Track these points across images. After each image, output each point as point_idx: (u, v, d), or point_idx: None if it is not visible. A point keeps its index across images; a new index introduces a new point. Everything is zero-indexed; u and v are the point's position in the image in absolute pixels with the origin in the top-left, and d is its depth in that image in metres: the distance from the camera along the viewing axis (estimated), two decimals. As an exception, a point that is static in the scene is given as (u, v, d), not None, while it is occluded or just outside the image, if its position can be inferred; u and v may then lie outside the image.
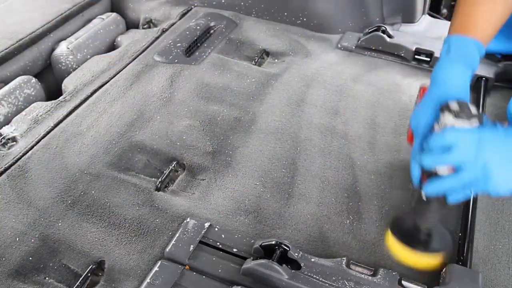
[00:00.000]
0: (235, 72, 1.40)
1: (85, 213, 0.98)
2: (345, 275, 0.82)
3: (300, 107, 1.27)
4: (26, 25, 1.50)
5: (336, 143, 1.16)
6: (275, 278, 0.81)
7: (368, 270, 0.86)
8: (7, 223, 0.95)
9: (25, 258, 0.89)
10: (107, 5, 1.78)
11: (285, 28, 1.60)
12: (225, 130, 1.19)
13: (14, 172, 1.05)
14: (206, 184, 1.06)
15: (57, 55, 1.50)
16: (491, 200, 1.01)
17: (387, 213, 0.99)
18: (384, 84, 1.35)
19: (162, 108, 1.25)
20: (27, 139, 1.15)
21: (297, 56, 1.48)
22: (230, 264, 0.86)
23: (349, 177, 1.07)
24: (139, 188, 1.04)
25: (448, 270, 0.85)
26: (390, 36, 1.47)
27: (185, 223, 0.92)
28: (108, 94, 1.29)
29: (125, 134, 1.17)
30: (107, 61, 1.43)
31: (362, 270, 0.85)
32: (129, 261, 0.89)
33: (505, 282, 0.87)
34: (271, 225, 0.97)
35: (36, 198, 1.00)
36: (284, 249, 0.84)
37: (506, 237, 0.94)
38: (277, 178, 1.07)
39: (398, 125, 1.22)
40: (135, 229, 0.95)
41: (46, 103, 1.26)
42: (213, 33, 1.57)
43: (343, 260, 0.85)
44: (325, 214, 0.99)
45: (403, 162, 1.11)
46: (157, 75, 1.37)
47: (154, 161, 1.12)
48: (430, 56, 1.41)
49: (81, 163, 1.09)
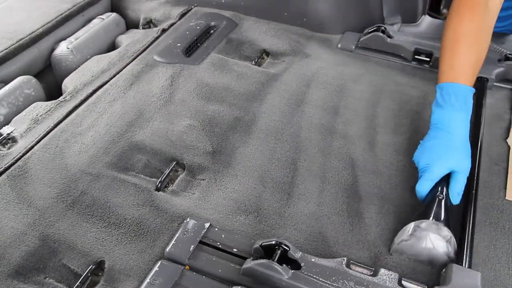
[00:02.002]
0: (235, 72, 1.40)
1: (85, 213, 0.98)
2: (345, 275, 0.82)
3: (300, 107, 1.27)
4: (26, 25, 1.50)
5: (336, 143, 1.16)
6: (275, 278, 0.81)
7: (368, 270, 0.86)
8: (7, 223, 0.95)
9: (25, 258, 0.89)
10: (107, 5, 1.78)
11: (285, 28, 1.60)
12: (225, 130, 1.19)
13: (14, 172, 1.05)
14: (206, 184, 1.06)
15: (57, 55, 1.50)
16: (491, 200, 1.01)
17: (387, 213, 0.99)
18: (384, 84, 1.35)
19: (162, 108, 1.25)
20: (27, 139, 1.15)
21: (297, 56, 1.48)
22: (230, 264, 0.86)
23: (349, 177, 1.07)
24: (139, 188, 1.04)
25: (448, 270, 0.85)
26: (390, 36, 1.47)
27: (185, 223, 0.92)
28: (108, 94, 1.29)
29: (125, 134, 1.17)
30: (107, 61, 1.43)
31: (362, 270, 0.85)
32: (129, 261, 0.89)
33: (505, 282, 0.87)
34: (271, 225, 0.97)
35: (36, 198, 1.00)
36: (284, 249, 0.84)
37: (506, 237, 0.94)
38: (277, 178, 1.07)
39: (398, 125, 1.22)
40: (135, 229, 0.95)
41: (46, 103, 1.26)
42: (213, 33, 1.57)
43: (343, 260, 0.85)
44: (325, 214, 0.99)
45: (403, 162, 1.11)
46: (157, 75, 1.37)
47: (154, 161, 1.12)
48: (430, 56, 1.41)
49: (81, 163, 1.09)
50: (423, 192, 0.97)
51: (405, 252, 0.91)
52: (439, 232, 0.87)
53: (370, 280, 0.82)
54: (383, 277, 0.83)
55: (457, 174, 0.96)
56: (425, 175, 0.97)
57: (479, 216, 0.97)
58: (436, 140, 1.01)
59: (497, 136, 1.18)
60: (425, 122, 1.19)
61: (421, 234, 0.88)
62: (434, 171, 0.96)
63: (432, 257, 0.89)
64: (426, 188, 0.96)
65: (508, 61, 1.35)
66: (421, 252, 0.89)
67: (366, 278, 0.82)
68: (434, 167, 0.96)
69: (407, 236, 0.89)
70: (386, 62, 1.44)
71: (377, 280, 0.82)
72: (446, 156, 0.97)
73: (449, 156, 0.97)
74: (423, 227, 0.88)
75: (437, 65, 1.39)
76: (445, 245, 0.87)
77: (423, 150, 1.02)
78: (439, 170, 0.96)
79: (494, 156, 1.12)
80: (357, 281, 0.81)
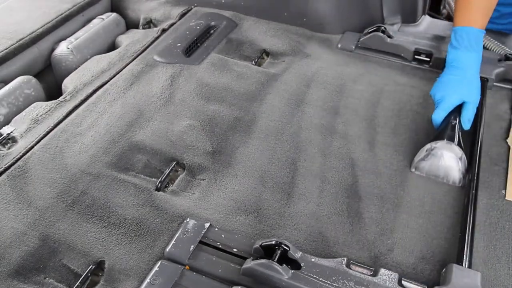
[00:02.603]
0: (235, 72, 1.40)
1: (85, 213, 0.98)
2: (345, 275, 0.82)
3: (300, 107, 1.27)
4: (26, 25, 1.50)
5: (336, 143, 1.16)
6: (275, 278, 0.81)
7: (368, 270, 0.86)
8: (7, 223, 0.95)
9: (25, 258, 0.89)
10: (107, 5, 1.78)
11: (285, 28, 1.60)
12: (225, 130, 1.19)
13: (14, 172, 1.05)
14: (206, 184, 1.06)
15: (57, 55, 1.50)
16: (491, 200, 1.01)
17: (387, 213, 0.99)
18: (384, 84, 1.35)
19: (162, 108, 1.25)
20: (27, 139, 1.15)
21: (297, 56, 1.48)
22: (230, 264, 0.86)
23: (349, 177, 1.07)
24: (139, 188, 1.04)
25: (448, 270, 0.85)
26: (390, 36, 1.47)
27: (185, 223, 0.92)
28: (108, 94, 1.29)
29: (125, 134, 1.17)
30: (107, 61, 1.43)
31: (362, 270, 0.85)
32: (129, 261, 0.89)
33: (505, 282, 0.87)
34: (271, 225, 0.97)
35: (36, 198, 1.00)
36: (284, 249, 0.84)
37: (506, 237, 0.94)
38: (277, 178, 1.07)
39: (398, 125, 1.22)
40: (135, 229, 0.95)
41: (46, 103, 1.26)
42: (213, 33, 1.57)
43: (343, 260, 0.85)
44: (325, 214, 0.99)
45: (403, 162, 1.11)
46: (157, 75, 1.37)
47: (154, 161, 1.12)
48: (430, 56, 1.41)
49: (81, 163, 1.09)
50: (438, 120, 1.13)
51: (422, 169, 1.07)
52: (452, 150, 1.03)
53: (370, 280, 0.82)
54: (383, 277, 0.83)
55: (468, 104, 1.11)
56: (440, 105, 1.13)
57: (479, 216, 0.97)
58: (450, 76, 1.16)
59: (497, 136, 1.18)
60: (425, 122, 1.20)
61: (436, 152, 1.04)
62: (448, 102, 1.12)
63: (447, 173, 1.04)
64: (441, 116, 1.12)
65: (508, 61, 1.35)
66: (437, 169, 1.05)
67: (366, 278, 0.82)
68: (448, 98, 1.12)
69: (424, 155, 1.05)
70: (386, 62, 1.44)
71: (377, 280, 0.82)
72: (459, 89, 1.12)
73: (461, 89, 1.12)
74: (438, 146, 1.04)
75: (437, 65, 1.40)
76: (457, 162, 1.03)
77: (438, 85, 1.17)
78: (452, 101, 1.12)
79: (494, 156, 1.12)
80: (357, 281, 0.81)
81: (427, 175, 1.06)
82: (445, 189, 1.05)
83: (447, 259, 0.90)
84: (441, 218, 0.98)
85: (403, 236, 0.95)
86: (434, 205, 1.01)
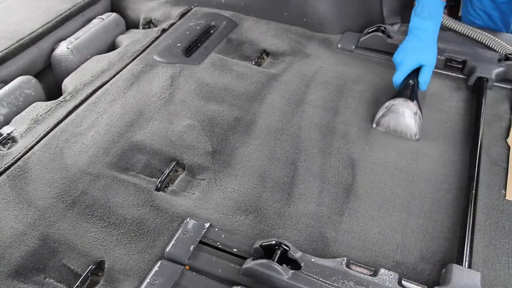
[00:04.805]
0: (235, 72, 1.40)
1: (85, 213, 0.98)
2: (345, 275, 0.82)
3: (300, 107, 1.27)
4: (26, 25, 1.51)
5: (336, 143, 1.16)
6: (275, 278, 0.81)
7: (368, 270, 0.86)
8: (7, 223, 0.95)
9: (25, 258, 0.89)
10: (107, 5, 1.78)
11: (285, 28, 1.60)
12: (225, 130, 1.19)
13: (14, 172, 1.05)
14: (206, 184, 1.06)
15: (57, 55, 1.50)
16: (491, 200, 1.01)
17: (387, 213, 0.99)
18: (384, 84, 1.35)
19: (162, 108, 1.25)
20: (27, 139, 1.15)
21: (297, 56, 1.48)
22: (230, 264, 0.86)
23: (349, 177, 1.07)
24: (139, 188, 1.04)
25: (448, 270, 0.85)
26: (390, 36, 1.47)
27: (185, 223, 0.92)
28: (108, 94, 1.29)
29: (125, 134, 1.17)
30: (107, 61, 1.43)
31: (362, 270, 0.85)
32: (129, 261, 0.89)
33: (505, 282, 0.87)
34: (271, 225, 0.97)
35: (36, 198, 1.00)
36: (284, 249, 0.84)
37: (506, 237, 0.94)
38: (277, 178, 1.07)
39: (398, 125, 1.22)
40: (135, 229, 0.95)
41: (46, 103, 1.26)
42: (213, 33, 1.57)
43: (343, 260, 0.85)
44: (325, 214, 0.99)
45: (403, 162, 1.11)
46: (157, 75, 1.37)
47: (154, 161, 1.12)
48: (430, 56, 1.42)
49: (81, 163, 1.09)
50: (397, 81, 1.24)
51: (383, 125, 1.18)
52: (408, 106, 1.14)
53: (370, 280, 0.82)
54: (383, 277, 0.83)
55: (425, 67, 1.23)
56: (400, 68, 1.24)
57: (479, 216, 0.97)
58: (410, 42, 1.28)
59: (497, 136, 1.18)
60: (425, 122, 1.19)
61: (394, 108, 1.15)
62: (407, 65, 1.23)
63: (405, 127, 1.15)
64: (400, 78, 1.24)
65: (508, 61, 1.35)
66: (396, 124, 1.16)
67: (366, 278, 0.82)
68: (406, 62, 1.23)
69: (384, 111, 1.16)
70: (386, 62, 1.44)
71: (377, 280, 0.82)
72: (417, 53, 1.24)
73: (419, 54, 1.23)
74: (396, 103, 1.16)
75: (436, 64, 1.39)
76: (413, 116, 1.14)
77: (400, 49, 1.28)
78: (410, 64, 1.23)
79: (494, 156, 1.12)
80: (357, 281, 0.82)
81: (387, 131, 1.17)
82: (445, 188, 1.05)
83: (447, 259, 0.90)
84: (441, 218, 0.98)
85: (403, 236, 0.95)
86: (434, 204, 1.01)
